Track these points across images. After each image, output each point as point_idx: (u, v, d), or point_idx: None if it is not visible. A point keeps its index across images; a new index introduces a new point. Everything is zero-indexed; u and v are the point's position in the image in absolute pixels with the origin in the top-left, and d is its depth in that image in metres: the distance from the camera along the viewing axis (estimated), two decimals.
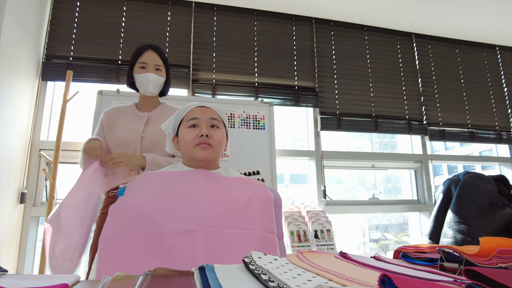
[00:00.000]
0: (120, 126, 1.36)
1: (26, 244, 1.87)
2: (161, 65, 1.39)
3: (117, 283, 0.54)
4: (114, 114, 1.39)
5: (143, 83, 1.36)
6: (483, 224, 1.73)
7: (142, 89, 1.38)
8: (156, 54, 1.38)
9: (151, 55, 1.37)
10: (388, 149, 3.16)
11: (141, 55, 1.36)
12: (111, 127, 1.36)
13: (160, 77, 1.38)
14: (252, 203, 0.92)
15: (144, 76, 1.35)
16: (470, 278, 0.37)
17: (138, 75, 1.36)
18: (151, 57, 1.37)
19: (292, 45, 2.55)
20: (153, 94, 1.41)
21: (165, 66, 1.41)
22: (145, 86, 1.36)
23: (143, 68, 1.35)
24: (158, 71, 1.37)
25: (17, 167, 1.84)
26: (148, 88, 1.36)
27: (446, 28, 2.83)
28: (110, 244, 0.79)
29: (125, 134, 1.33)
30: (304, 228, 1.80)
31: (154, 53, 1.38)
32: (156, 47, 1.40)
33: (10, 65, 1.74)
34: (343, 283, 0.41)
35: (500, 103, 2.96)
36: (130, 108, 1.42)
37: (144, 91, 1.38)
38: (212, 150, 0.99)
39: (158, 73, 1.37)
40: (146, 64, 1.36)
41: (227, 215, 0.87)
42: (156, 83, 1.37)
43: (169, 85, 1.47)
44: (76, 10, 2.18)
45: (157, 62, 1.37)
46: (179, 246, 0.80)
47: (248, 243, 0.84)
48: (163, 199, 0.87)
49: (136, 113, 1.40)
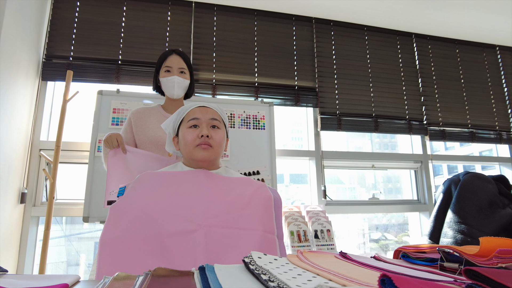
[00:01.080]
0: (152, 126, 1.41)
1: (26, 244, 1.87)
2: (185, 68, 1.44)
3: (117, 283, 0.54)
4: (143, 114, 1.44)
5: (169, 86, 1.41)
6: (483, 224, 1.74)
7: (168, 92, 1.44)
8: (180, 58, 1.44)
9: (175, 59, 1.43)
10: (388, 149, 3.16)
11: (166, 59, 1.42)
12: (141, 126, 1.41)
13: (185, 79, 1.43)
14: (252, 203, 0.92)
15: (170, 79, 1.40)
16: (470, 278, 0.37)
17: (164, 78, 1.41)
18: (175, 61, 1.42)
19: (292, 45, 2.55)
20: (179, 97, 1.46)
21: (189, 69, 1.46)
22: (171, 89, 1.42)
23: (168, 71, 1.41)
24: (182, 74, 1.43)
25: (17, 167, 1.84)
26: (174, 91, 1.42)
27: (446, 28, 2.83)
28: (110, 244, 0.79)
29: (159, 135, 1.38)
30: (304, 228, 1.80)
31: (178, 57, 1.43)
32: (180, 51, 1.46)
33: (10, 65, 1.74)
34: (343, 283, 0.41)
35: (500, 103, 2.96)
36: (158, 110, 1.48)
37: (170, 94, 1.43)
38: (212, 150, 0.99)
39: (182, 76, 1.42)
40: (170, 67, 1.41)
41: (227, 215, 0.87)
42: (181, 85, 1.42)
43: (194, 87, 1.53)
44: (76, 10, 2.18)
45: (181, 66, 1.43)
46: (179, 246, 0.80)
47: (248, 243, 0.84)
48: (163, 199, 0.87)
49: (165, 115, 1.45)
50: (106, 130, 1.86)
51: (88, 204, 1.74)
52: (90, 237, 2.29)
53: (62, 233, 2.25)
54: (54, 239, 2.15)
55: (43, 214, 1.86)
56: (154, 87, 1.51)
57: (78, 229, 2.29)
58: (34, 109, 2.02)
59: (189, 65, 1.46)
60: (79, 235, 2.31)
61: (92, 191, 1.76)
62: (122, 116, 1.91)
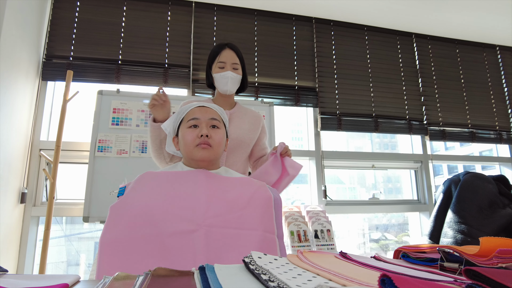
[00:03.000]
0: None
1: (26, 244, 1.87)
2: (238, 63, 1.39)
3: (117, 283, 0.54)
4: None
5: (222, 82, 1.36)
6: (483, 224, 1.73)
7: (221, 87, 1.38)
8: (233, 53, 1.38)
9: (229, 53, 1.38)
10: (388, 149, 3.16)
11: (219, 55, 1.37)
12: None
13: (238, 75, 1.38)
14: (252, 203, 0.92)
15: (223, 75, 1.35)
16: (470, 278, 0.37)
17: (217, 74, 1.36)
18: (229, 56, 1.37)
19: (292, 45, 2.55)
20: (232, 92, 1.41)
21: (241, 63, 1.41)
22: (224, 85, 1.37)
23: (222, 68, 1.36)
24: (235, 70, 1.38)
25: (17, 167, 1.84)
26: (227, 87, 1.37)
27: (446, 28, 2.83)
28: (110, 244, 0.79)
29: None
30: (304, 228, 1.80)
31: (231, 51, 1.38)
32: (233, 45, 1.41)
33: (10, 65, 1.74)
34: (343, 283, 0.41)
35: (500, 103, 2.96)
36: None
37: (223, 90, 1.38)
38: (212, 150, 0.99)
39: (236, 72, 1.37)
40: (224, 63, 1.36)
41: (227, 215, 0.87)
42: (235, 81, 1.37)
43: (247, 82, 1.47)
44: (76, 10, 2.18)
45: (234, 61, 1.38)
46: (179, 246, 0.80)
47: (248, 243, 0.84)
48: (163, 199, 0.87)
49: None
50: (106, 130, 1.86)
51: (88, 204, 1.74)
52: (90, 237, 2.29)
53: (62, 233, 2.25)
54: (54, 239, 2.15)
55: (43, 214, 1.86)
56: (208, 84, 1.46)
57: (78, 229, 2.29)
58: (34, 109, 2.02)
59: (241, 59, 1.41)
60: (79, 235, 2.31)
61: (92, 191, 1.76)
62: (122, 116, 1.91)
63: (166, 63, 2.26)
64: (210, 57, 1.41)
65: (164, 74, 2.23)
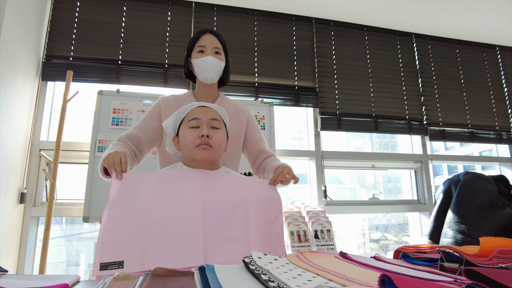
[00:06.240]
0: None
1: (26, 244, 1.87)
2: (220, 48, 1.27)
3: (117, 283, 0.54)
4: (173, 101, 1.28)
5: (202, 68, 1.23)
6: (483, 224, 1.73)
7: (201, 75, 1.26)
8: (214, 37, 1.27)
9: (209, 38, 1.26)
10: (388, 149, 3.16)
11: (199, 39, 1.26)
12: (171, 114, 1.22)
13: (220, 61, 1.25)
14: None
15: (203, 60, 1.22)
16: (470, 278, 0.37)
17: (197, 59, 1.23)
18: (209, 40, 1.25)
19: (292, 45, 2.55)
20: (213, 81, 1.29)
21: (224, 51, 1.30)
22: (205, 71, 1.24)
23: (202, 52, 1.24)
24: (217, 55, 1.25)
25: (17, 167, 1.84)
26: (208, 73, 1.24)
27: (446, 28, 2.83)
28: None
29: None
30: (304, 228, 1.80)
31: (212, 36, 1.27)
32: (214, 30, 1.29)
33: (10, 65, 1.74)
34: (343, 283, 0.41)
35: (500, 103, 2.96)
36: (189, 98, 1.30)
37: (203, 77, 1.25)
38: (212, 151, 0.99)
39: (217, 57, 1.25)
40: (204, 47, 1.24)
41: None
42: (216, 67, 1.25)
43: (229, 72, 1.36)
44: (76, 10, 2.18)
45: (216, 45, 1.26)
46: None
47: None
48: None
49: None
50: (106, 130, 1.86)
51: (88, 204, 1.74)
52: (90, 237, 2.29)
53: (62, 233, 2.25)
54: (54, 239, 2.15)
55: (43, 214, 1.86)
56: (185, 73, 1.33)
57: (78, 229, 2.29)
58: (34, 109, 2.02)
59: (224, 46, 1.29)
60: (79, 235, 2.31)
61: (92, 191, 1.76)
62: (122, 116, 1.91)
63: (166, 63, 2.26)
64: (189, 44, 1.29)
65: (164, 74, 2.23)
